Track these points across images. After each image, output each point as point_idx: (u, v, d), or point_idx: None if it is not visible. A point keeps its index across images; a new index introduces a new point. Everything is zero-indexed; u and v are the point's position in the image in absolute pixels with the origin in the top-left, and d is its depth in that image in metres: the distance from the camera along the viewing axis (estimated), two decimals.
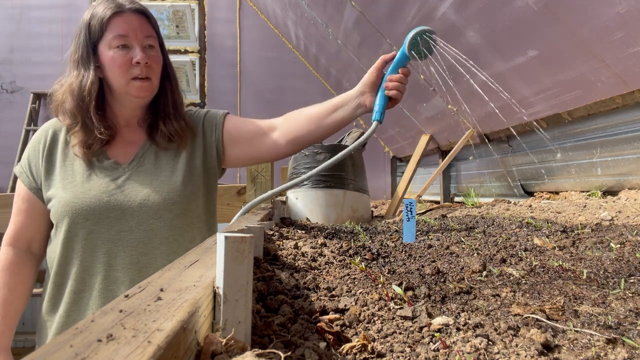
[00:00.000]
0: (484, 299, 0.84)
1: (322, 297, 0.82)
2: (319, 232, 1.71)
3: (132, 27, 1.44)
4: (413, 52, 1.42)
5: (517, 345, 0.60)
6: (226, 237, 0.51)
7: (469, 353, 0.58)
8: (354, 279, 0.93)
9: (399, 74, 1.48)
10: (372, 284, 0.89)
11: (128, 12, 1.45)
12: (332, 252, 1.23)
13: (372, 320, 0.71)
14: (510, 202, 2.80)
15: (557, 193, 2.70)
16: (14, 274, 1.52)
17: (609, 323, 0.69)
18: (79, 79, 1.45)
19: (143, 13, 1.50)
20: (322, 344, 0.58)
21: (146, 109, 1.60)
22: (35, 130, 6.12)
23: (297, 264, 1.05)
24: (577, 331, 0.66)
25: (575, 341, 0.63)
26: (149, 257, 1.45)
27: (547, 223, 1.72)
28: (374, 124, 1.49)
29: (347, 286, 0.87)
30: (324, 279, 0.94)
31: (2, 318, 1.48)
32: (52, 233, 1.52)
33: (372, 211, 3.35)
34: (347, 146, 2.86)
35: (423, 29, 1.41)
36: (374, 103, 1.49)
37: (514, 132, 2.97)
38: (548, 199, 2.66)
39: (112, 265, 1.44)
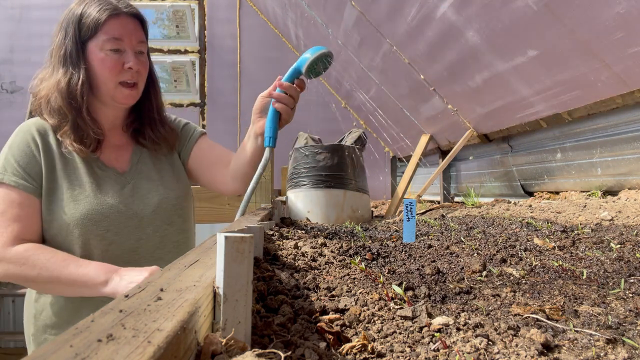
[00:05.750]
0: (484, 299, 0.84)
1: (322, 297, 0.81)
2: (319, 232, 1.71)
3: (127, 31, 1.43)
4: (310, 74, 1.37)
5: (517, 345, 0.60)
6: (226, 237, 0.51)
7: (469, 353, 0.58)
8: (354, 279, 0.93)
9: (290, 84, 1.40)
10: (372, 284, 0.89)
11: (124, 15, 1.43)
12: (332, 252, 1.23)
13: (372, 320, 0.71)
14: (510, 202, 2.80)
15: (557, 193, 2.70)
16: (42, 248, 1.35)
17: (609, 323, 0.69)
18: (67, 77, 1.40)
19: (138, 17, 1.49)
20: (322, 344, 0.58)
21: (128, 112, 1.59)
22: None
23: (297, 264, 1.05)
24: (577, 331, 0.66)
25: (575, 341, 0.63)
26: (164, 262, 1.40)
27: (547, 223, 1.72)
28: (266, 150, 1.40)
29: (347, 286, 0.87)
30: (324, 279, 0.94)
31: (76, 260, 1.32)
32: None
33: (372, 211, 3.35)
34: (346, 145, 2.87)
35: (324, 53, 1.34)
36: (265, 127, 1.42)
37: (514, 132, 2.97)
38: (548, 199, 2.66)
39: None
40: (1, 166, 1.39)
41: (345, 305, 0.76)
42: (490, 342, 0.61)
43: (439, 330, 0.65)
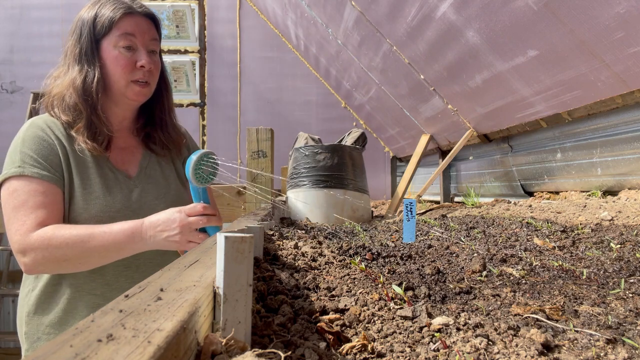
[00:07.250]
0: (484, 299, 0.84)
1: (322, 297, 0.81)
2: (319, 232, 1.71)
3: (140, 30, 1.45)
4: (199, 180, 1.30)
5: (517, 345, 0.60)
6: (226, 237, 0.51)
7: (469, 353, 0.58)
8: (354, 279, 0.93)
9: (202, 204, 1.34)
10: (372, 284, 0.89)
11: (138, 14, 1.46)
12: (332, 252, 1.23)
13: (372, 320, 0.71)
14: (510, 202, 2.80)
15: (557, 193, 2.70)
16: (60, 226, 1.33)
17: (609, 323, 0.69)
18: (82, 75, 1.42)
19: (152, 18, 1.51)
20: (322, 344, 0.58)
21: (137, 112, 1.59)
22: None
23: (297, 264, 1.05)
24: (577, 331, 0.66)
25: (575, 341, 0.63)
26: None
27: (547, 223, 1.72)
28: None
29: (347, 286, 0.87)
30: (324, 279, 0.94)
31: (100, 227, 1.33)
32: None
33: (372, 211, 3.35)
34: (346, 145, 2.87)
35: (201, 154, 1.28)
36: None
37: (514, 132, 2.97)
38: (548, 199, 2.66)
39: (134, 279, 1.45)
40: (18, 160, 1.36)
41: (345, 305, 0.76)
42: (490, 342, 0.61)
43: (439, 330, 0.65)
